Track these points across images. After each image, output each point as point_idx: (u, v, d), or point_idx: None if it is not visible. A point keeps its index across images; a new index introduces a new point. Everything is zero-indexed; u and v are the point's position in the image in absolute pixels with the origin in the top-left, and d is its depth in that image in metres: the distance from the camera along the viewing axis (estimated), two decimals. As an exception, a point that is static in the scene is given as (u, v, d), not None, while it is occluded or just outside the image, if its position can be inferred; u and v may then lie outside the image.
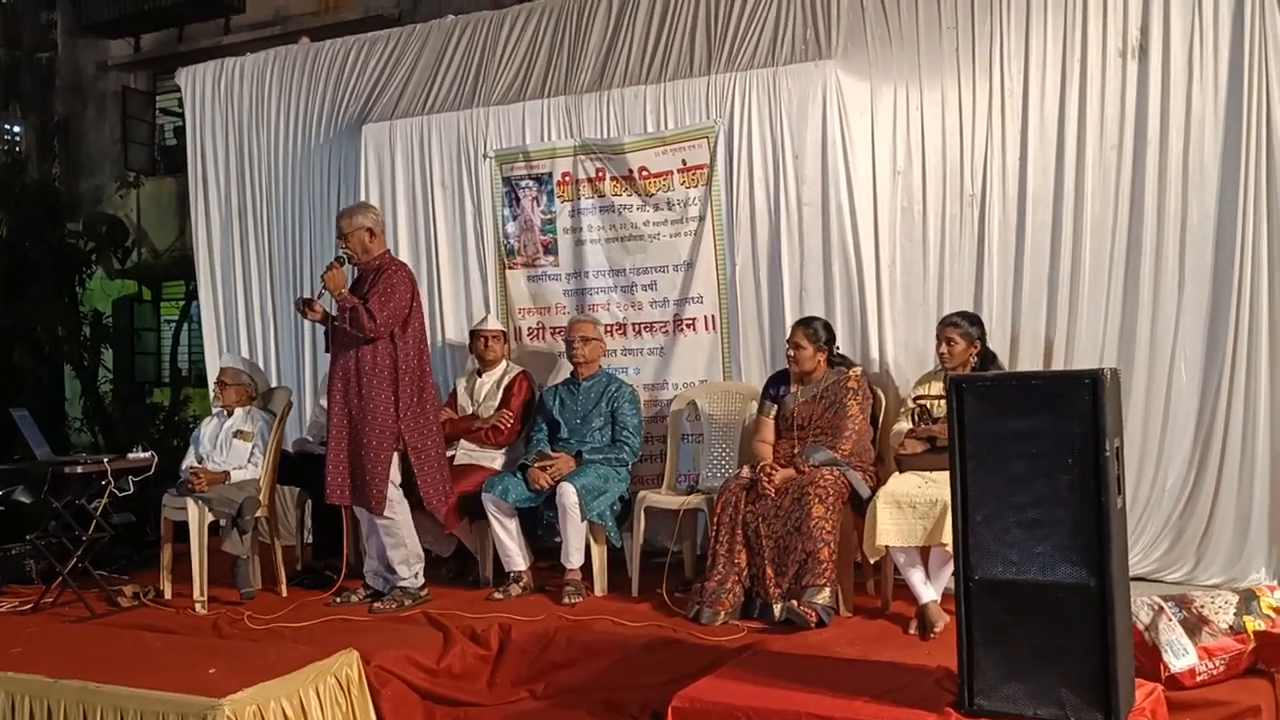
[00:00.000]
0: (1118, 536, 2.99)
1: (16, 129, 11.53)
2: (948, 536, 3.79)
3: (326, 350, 4.91)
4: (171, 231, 10.74)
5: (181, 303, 10.75)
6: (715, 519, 4.44)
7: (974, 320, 4.50)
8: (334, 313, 4.67)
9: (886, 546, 4.10)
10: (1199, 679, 3.32)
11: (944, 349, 4.41)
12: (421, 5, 9.47)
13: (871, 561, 4.30)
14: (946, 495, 3.23)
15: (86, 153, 11.58)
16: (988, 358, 4.46)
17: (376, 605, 4.66)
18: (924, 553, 4.13)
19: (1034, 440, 3.00)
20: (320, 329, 5.15)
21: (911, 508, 4.07)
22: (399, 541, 4.68)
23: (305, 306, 4.73)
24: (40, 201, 10.48)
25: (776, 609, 4.21)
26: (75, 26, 11.45)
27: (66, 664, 3.84)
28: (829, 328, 4.73)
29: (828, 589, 4.17)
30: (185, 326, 10.70)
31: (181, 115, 7.17)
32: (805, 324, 4.69)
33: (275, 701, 3.53)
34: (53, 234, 10.35)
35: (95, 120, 11.58)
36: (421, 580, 4.77)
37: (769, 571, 4.28)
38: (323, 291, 4.64)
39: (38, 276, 10.04)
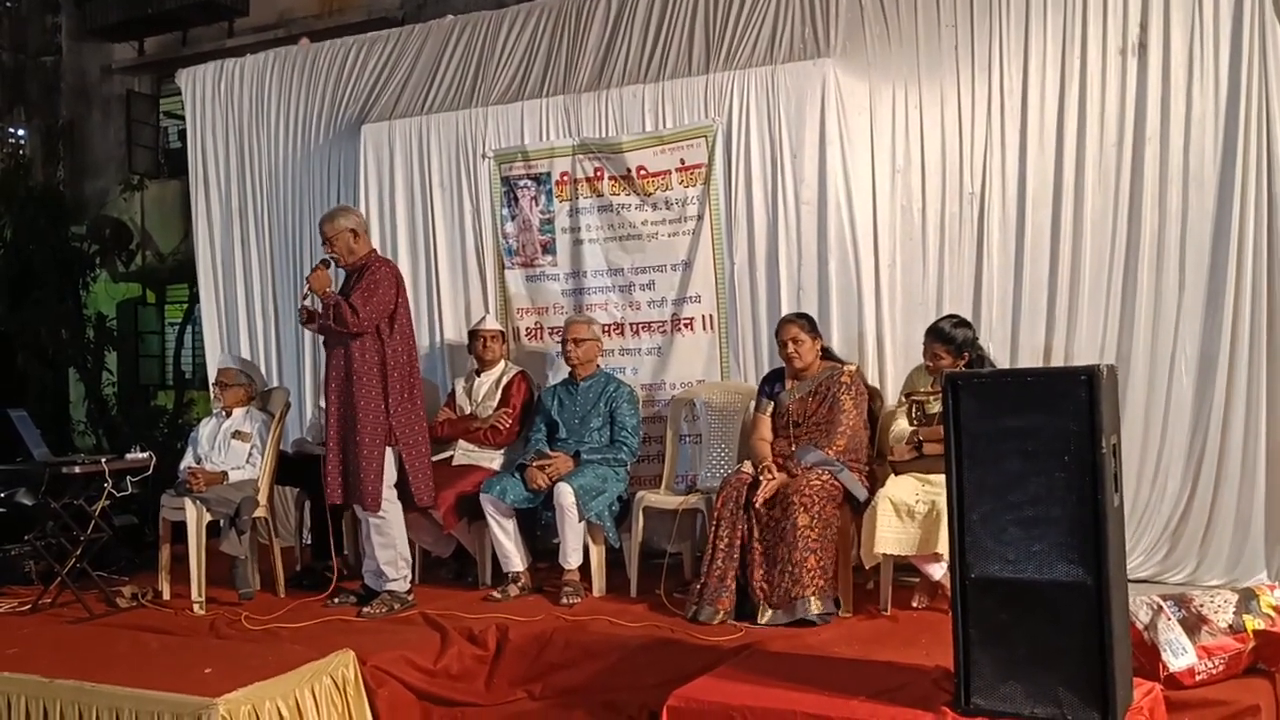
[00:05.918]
0: (1115, 534, 2.97)
1: (21, 132, 11.54)
2: (942, 545, 3.80)
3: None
4: (176, 234, 10.73)
5: (185, 306, 10.75)
6: (715, 515, 4.41)
7: (964, 326, 4.39)
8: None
9: (884, 554, 4.10)
10: (1198, 678, 3.29)
11: (930, 363, 4.38)
12: (425, 7, 9.47)
13: (867, 566, 4.29)
14: (943, 501, 3.21)
15: (91, 156, 11.59)
16: (976, 364, 4.33)
17: (365, 610, 4.62)
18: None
19: (1030, 438, 2.97)
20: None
21: (910, 517, 4.07)
22: (389, 542, 4.66)
23: (308, 316, 4.74)
24: (44, 205, 10.49)
25: (765, 618, 4.19)
26: (79, 30, 11.47)
27: (62, 664, 3.84)
28: (810, 318, 4.71)
29: (815, 598, 4.15)
30: (189, 329, 10.70)
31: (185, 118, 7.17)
32: (793, 320, 4.65)
33: (270, 701, 3.51)
34: (57, 237, 10.36)
35: (100, 124, 11.60)
36: (408, 585, 4.75)
37: (758, 577, 4.26)
38: (308, 293, 4.64)
39: (42, 280, 10.06)
